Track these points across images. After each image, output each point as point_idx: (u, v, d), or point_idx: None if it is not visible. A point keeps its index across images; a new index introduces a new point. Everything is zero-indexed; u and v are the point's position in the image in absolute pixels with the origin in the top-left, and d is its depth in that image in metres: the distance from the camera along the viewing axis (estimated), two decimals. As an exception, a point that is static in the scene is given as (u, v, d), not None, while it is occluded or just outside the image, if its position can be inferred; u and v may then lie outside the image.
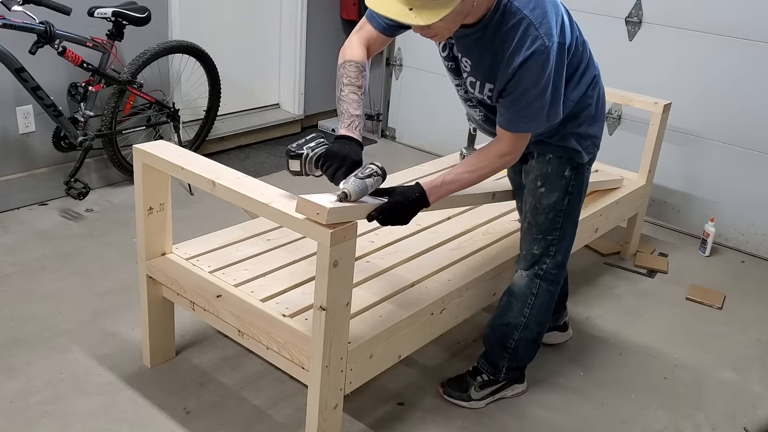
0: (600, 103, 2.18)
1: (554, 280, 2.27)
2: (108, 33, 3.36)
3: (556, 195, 2.16)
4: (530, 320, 2.28)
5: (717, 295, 3.15)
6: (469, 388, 2.35)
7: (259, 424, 2.19)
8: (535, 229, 2.21)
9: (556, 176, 2.15)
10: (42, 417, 2.13)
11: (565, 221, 2.20)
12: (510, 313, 2.29)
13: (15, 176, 3.39)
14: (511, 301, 2.29)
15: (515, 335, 2.29)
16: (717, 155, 3.62)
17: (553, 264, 2.24)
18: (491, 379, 2.36)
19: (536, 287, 2.25)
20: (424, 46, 4.60)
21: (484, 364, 2.37)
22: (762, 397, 2.53)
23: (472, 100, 2.09)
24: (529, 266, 2.25)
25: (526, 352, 2.35)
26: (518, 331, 2.29)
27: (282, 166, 4.26)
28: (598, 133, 2.19)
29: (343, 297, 1.79)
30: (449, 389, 2.37)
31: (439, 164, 3.26)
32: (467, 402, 2.34)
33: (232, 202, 1.91)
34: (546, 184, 2.16)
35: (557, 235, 2.21)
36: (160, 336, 2.37)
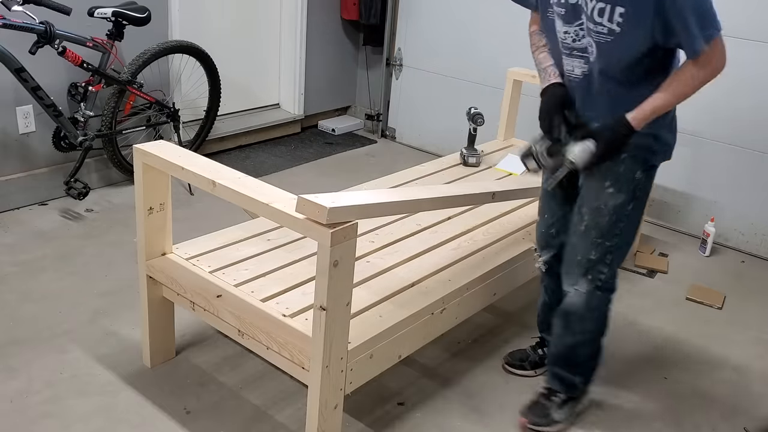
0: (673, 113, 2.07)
1: (611, 288, 2.16)
2: (108, 33, 3.36)
3: (623, 197, 2.04)
4: (596, 333, 2.21)
5: (717, 295, 3.15)
6: (549, 411, 2.27)
7: (259, 424, 2.19)
8: (594, 232, 2.08)
9: (626, 177, 2.03)
10: (42, 417, 2.13)
11: (626, 227, 2.09)
12: (568, 335, 2.21)
13: (15, 176, 3.39)
14: (570, 321, 2.19)
15: (581, 351, 2.23)
16: (717, 155, 3.62)
17: (611, 273, 2.13)
18: (571, 397, 2.29)
19: (595, 300, 2.14)
20: (425, 46, 4.62)
21: (557, 385, 2.29)
22: (762, 397, 2.53)
23: (581, 46, 1.97)
24: (583, 274, 2.12)
25: (596, 359, 2.29)
26: (584, 347, 2.22)
27: (282, 166, 4.26)
28: (672, 142, 2.10)
29: (343, 297, 1.79)
30: (532, 416, 2.27)
31: (439, 164, 3.26)
32: (552, 427, 2.26)
33: (232, 202, 1.91)
34: (615, 185, 2.04)
35: (616, 241, 2.08)
36: (160, 336, 2.37)
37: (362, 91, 5.15)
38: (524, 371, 2.54)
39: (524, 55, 4.13)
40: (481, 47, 4.36)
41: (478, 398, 2.39)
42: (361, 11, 4.70)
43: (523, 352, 2.58)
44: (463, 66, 4.47)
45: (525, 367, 2.54)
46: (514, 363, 2.55)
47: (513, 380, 2.49)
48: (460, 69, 4.49)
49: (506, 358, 2.58)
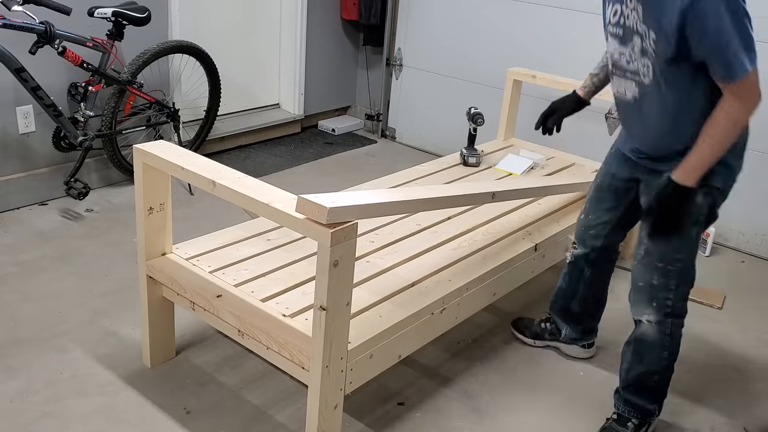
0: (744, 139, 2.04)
1: (680, 314, 2.11)
2: (108, 33, 3.36)
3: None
4: (670, 360, 2.17)
5: (717, 295, 3.15)
6: None
7: (259, 424, 2.19)
8: (655, 256, 2.04)
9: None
10: (42, 417, 2.13)
11: (689, 251, 2.03)
12: (642, 364, 2.17)
13: (15, 176, 3.39)
14: (644, 351, 2.16)
15: (655, 378, 2.19)
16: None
17: (678, 298, 2.07)
18: (642, 423, 2.25)
19: (668, 328, 2.11)
20: (425, 46, 4.63)
21: (631, 412, 2.24)
22: (762, 397, 2.53)
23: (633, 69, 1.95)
24: (648, 303, 2.09)
25: (666, 382, 2.24)
26: (658, 375, 2.19)
27: (282, 166, 4.26)
28: (737, 166, 2.03)
29: (343, 297, 1.79)
30: None
31: (439, 164, 3.26)
32: None
33: (232, 202, 1.91)
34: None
35: (679, 266, 2.03)
36: (160, 336, 2.37)
37: (362, 91, 5.15)
38: (524, 337, 2.70)
39: (524, 55, 4.14)
40: (481, 47, 4.36)
41: (478, 398, 2.39)
42: (361, 11, 4.70)
43: (530, 321, 2.73)
44: (463, 66, 4.47)
45: (525, 334, 2.70)
46: (518, 327, 2.73)
47: (513, 380, 2.49)
48: (460, 69, 4.49)
49: (514, 321, 2.76)
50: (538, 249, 2.61)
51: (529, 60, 4.06)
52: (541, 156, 3.40)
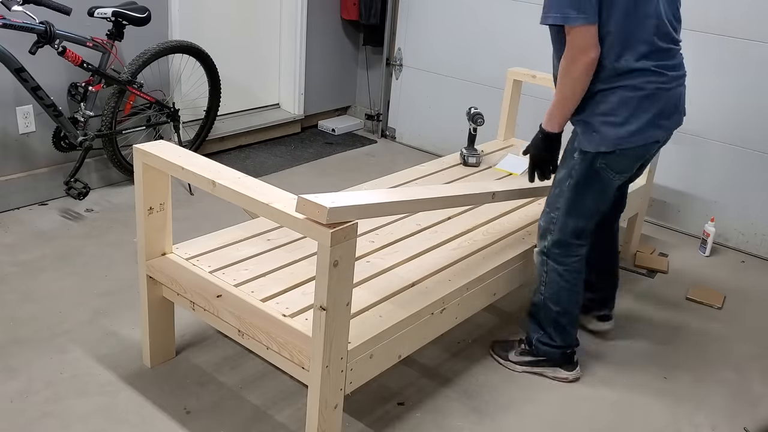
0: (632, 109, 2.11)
1: (557, 260, 2.34)
2: (108, 33, 3.36)
3: (563, 172, 2.27)
4: (546, 299, 2.40)
5: (717, 295, 3.15)
6: (511, 351, 2.54)
7: (259, 424, 2.19)
8: (547, 200, 2.35)
9: (568, 154, 2.26)
10: (42, 417, 2.13)
11: (564, 202, 2.27)
12: (534, 293, 2.46)
13: (15, 176, 3.39)
14: (536, 281, 2.45)
15: (540, 313, 2.44)
16: (717, 155, 3.62)
17: (552, 242, 2.32)
18: (528, 349, 2.51)
19: (545, 265, 2.38)
20: (425, 46, 4.63)
21: (525, 335, 2.55)
22: (762, 397, 2.53)
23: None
24: (539, 237, 2.38)
25: (555, 331, 2.44)
26: (541, 309, 2.44)
27: (282, 166, 4.26)
28: (611, 136, 2.13)
29: (343, 297, 1.79)
30: (496, 347, 2.59)
31: (439, 164, 3.26)
32: (504, 362, 2.54)
33: (232, 202, 1.91)
34: (563, 157, 2.29)
35: (557, 214, 2.30)
36: (160, 336, 2.37)
37: (362, 91, 5.15)
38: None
39: (524, 55, 4.14)
40: (481, 47, 4.36)
41: (478, 398, 2.39)
42: (361, 11, 4.70)
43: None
44: (463, 66, 4.47)
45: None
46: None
47: (513, 380, 2.49)
48: (460, 69, 4.49)
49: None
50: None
51: (529, 60, 4.06)
52: (541, 156, 3.39)
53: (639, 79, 2.10)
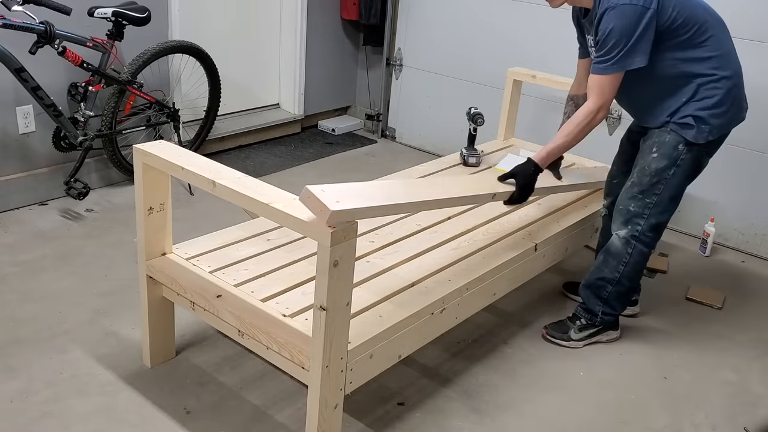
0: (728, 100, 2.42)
1: (648, 243, 2.54)
2: (108, 33, 3.36)
3: (665, 162, 2.45)
4: (623, 276, 2.58)
5: (717, 295, 3.15)
6: (569, 330, 2.71)
7: (259, 424, 2.19)
8: (636, 188, 2.50)
9: (669, 146, 2.44)
10: (42, 417, 2.13)
11: (665, 190, 2.47)
12: (606, 269, 2.60)
13: (15, 176, 3.39)
14: (608, 258, 2.60)
15: (609, 288, 2.62)
16: (717, 155, 3.60)
17: (648, 226, 2.51)
18: (588, 323, 2.69)
19: (632, 248, 2.54)
20: (425, 46, 4.62)
21: (581, 311, 2.72)
22: (762, 397, 2.53)
23: None
24: (623, 224, 2.53)
25: (618, 302, 2.67)
26: (612, 285, 2.61)
27: (282, 166, 4.26)
28: (717, 123, 2.42)
29: (343, 297, 1.79)
30: (552, 331, 2.73)
31: (439, 164, 3.26)
32: (567, 342, 2.70)
33: (232, 202, 1.91)
34: (659, 151, 2.45)
35: (655, 199, 2.48)
36: (160, 336, 2.37)
37: (362, 91, 5.15)
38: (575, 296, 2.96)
39: (524, 55, 4.14)
40: (481, 47, 4.36)
41: (478, 398, 2.39)
42: (361, 11, 4.70)
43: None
44: (463, 66, 4.47)
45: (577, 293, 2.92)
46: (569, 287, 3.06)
47: (513, 380, 2.49)
48: (460, 69, 4.49)
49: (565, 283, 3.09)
50: (538, 249, 2.61)
51: (529, 60, 4.06)
52: (541, 156, 3.39)
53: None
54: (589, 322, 2.70)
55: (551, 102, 4.11)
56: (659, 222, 2.53)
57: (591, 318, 2.69)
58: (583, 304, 2.72)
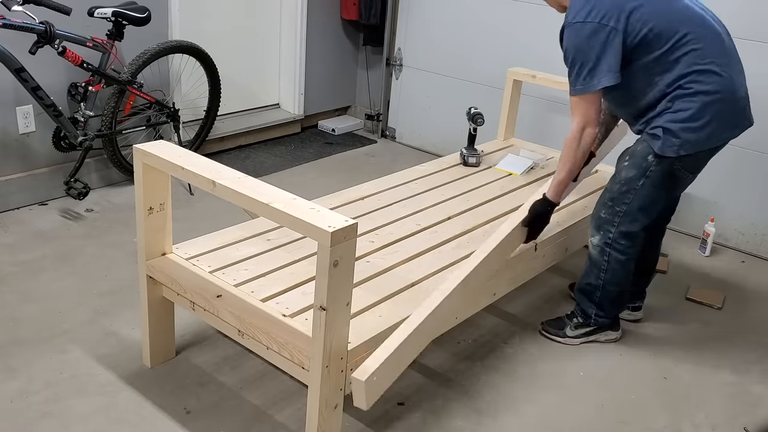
0: (705, 114, 2.31)
1: (622, 250, 2.53)
2: (108, 33, 3.36)
3: (634, 172, 2.43)
4: (606, 283, 2.59)
5: (717, 295, 3.15)
6: (565, 327, 2.73)
7: (259, 424, 2.19)
8: (608, 195, 2.51)
9: (639, 156, 2.42)
10: (42, 417, 2.13)
11: (634, 200, 2.45)
12: (590, 276, 2.63)
13: (15, 176, 3.39)
14: (591, 266, 2.62)
15: (597, 293, 2.64)
16: (717, 155, 3.61)
17: (618, 234, 2.50)
18: (583, 322, 2.71)
19: (607, 255, 2.55)
20: (425, 46, 4.62)
21: (577, 310, 2.73)
22: (762, 398, 2.53)
23: None
24: (596, 230, 2.55)
25: (611, 306, 2.67)
26: (599, 291, 2.63)
27: (282, 166, 4.26)
28: (690, 138, 2.33)
29: (343, 297, 1.79)
30: (548, 327, 2.76)
31: (439, 164, 3.26)
32: (563, 338, 2.73)
33: (232, 202, 1.91)
34: (630, 160, 2.45)
35: (624, 208, 2.47)
36: (160, 336, 2.37)
37: (362, 91, 5.15)
38: None
39: (524, 55, 4.14)
40: (481, 47, 4.36)
41: (478, 398, 2.39)
42: (361, 11, 4.70)
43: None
44: (463, 66, 4.47)
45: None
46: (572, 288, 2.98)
47: (514, 380, 2.49)
48: (460, 69, 4.49)
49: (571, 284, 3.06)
50: (538, 249, 2.61)
51: (529, 60, 4.06)
52: (541, 156, 3.40)
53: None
54: (584, 322, 2.71)
55: (551, 102, 4.11)
56: (629, 231, 2.49)
57: (585, 318, 2.70)
58: (578, 304, 2.73)
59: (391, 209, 2.75)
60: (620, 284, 2.61)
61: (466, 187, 3.03)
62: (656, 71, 2.32)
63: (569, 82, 2.36)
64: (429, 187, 2.99)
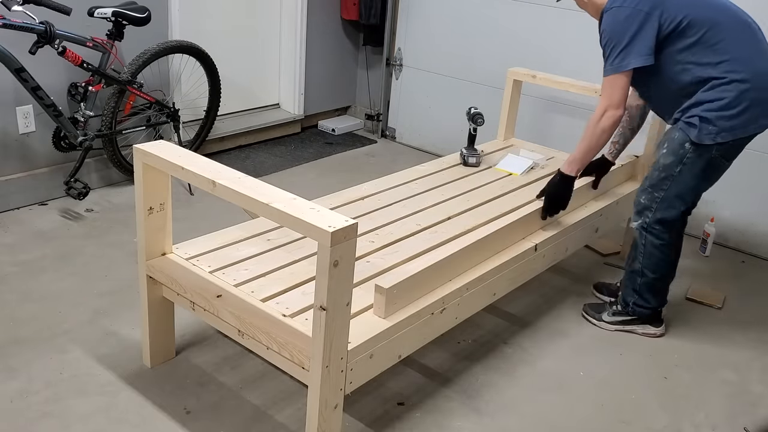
0: (740, 102, 2.39)
1: (657, 235, 2.62)
2: (108, 33, 3.36)
3: (671, 159, 2.51)
4: (645, 267, 2.68)
5: (717, 295, 3.15)
6: (603, 312, 2.83)
7: (259, 424, 2.19)
8: (648, 182, 2.61)
9: (676, 143, 2.49)
10: (42, 417, 2.13)
11: (672, 186, 2.53)
12: (633, 261, 2.73)
13: (15, 176, 3.40)
14: (632, 250, 2.73)
15: (639, 280, 2.72)
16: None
17: (654, 220, 2.60)
18: (622, 310, 2.80)
19: (644, 239, 2.65)
20: (425, 46, 4.63)
21: (619, 298, 2.83)
22: (762, 397, 2.53)
23: None
24: (637, 215, 2.66)
25: (650, 294, 2.74)
26: (640, 277, 2.71)
27: (282, 166, 4.26)
28: (726, 125, 2.41)
29: (343, 297, 1.79)
30: (588, 308, 2.88)
31: (439, 164, 3.26)
32: (598, 322, 2.83)
33: (232, 202, 1.91)
34: (668, 147, 2.52)
35: (662, 194, 2.56)
36: (160, 336, 2.37)
37: (362, 91, 5.15)
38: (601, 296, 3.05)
39: (524, 55, 4.14)
40: (481, 47, 4.36)
41: (479, 398, 2.39)
42: (361, 11, 4.70)
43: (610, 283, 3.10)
44: (463, 66, 4.47)
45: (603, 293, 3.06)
46: (598, 287, 3.09)
47: (513, 380, 2.49)
48: (460, 69, 4.49)
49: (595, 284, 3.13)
50: (538, 249, 2.61)
51: (529, 60, 4.06)
52: (541, 156, 3.40)
53: None
54: (623, 310, 2.79)
55: (551, 102, 4.11)
56: (664, 217, 2.59)
57: (624, 306, 2.79)
58: (621, 292, 2.82)
59: (391, 209, 2.75)
60: (657, 271, 2.68)
61: (466, 187, 3.03)
62: (691, 60, 2.40)
63: (605, 64, 2.44)
64: (429, 187, 2.99)
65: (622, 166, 3.17)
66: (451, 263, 2.24)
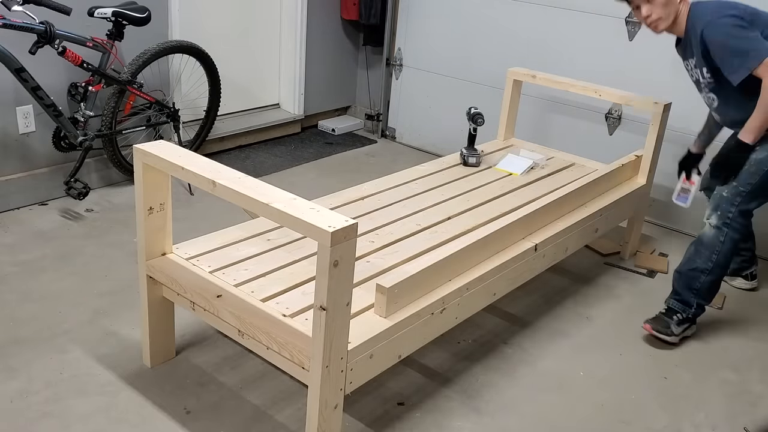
0: None
1: (739, 228, 2.63)
2: (108, 33, 3.36)
3: (765, 154, 2.55)
4: (716, 265, 2.67)
5: (717, 296, 3.14)
6: (669, 324, 2.76)
7: (259, 424, 2.19)
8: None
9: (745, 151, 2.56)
10: (42, 417, 2.13)
11: (760, 180, 2.57)
12: (698, 260, 2.69)
13: (15, 176, 3.40)
14: (700, 249, 2.69)
15: (702, 278, 2.70)
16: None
17: (738, 212, 2.61)
18: (685, 317, 2.76)
19: (723, 236, 2.64)
20: (425, 46, 4.63)
21: (677, 305, 2.77)
22: (762, 397, 2.53)
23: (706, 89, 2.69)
24: (713, 211, 2.65)
25: (708, 293, 2.75)
26: (705, 275, 2.69)
27: (282, 166, 4.26)
28: None
29: (343, 297, 1.79)
30: (656, 325, 2.76)
31: (439, 164, 3.26)
32: (670, 337, 2.75)
33: (232, 202, 1.91)
34: (761, 144, 2.56)
35: (748, 188, 2.58)
36: (160, 336, 2.37)
37: (362, 91, 5.15)
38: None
39: (524, 55, 4.14)
40: (481, 47, 4.36)
41: (479, 398, 2.39)
42: (361, 11, 4.70)
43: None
44: (463, 66, 4.47)
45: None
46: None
47: (513, 380, 2.49)
48: (460, 69, 4.49)
49: None
50: (538, 249, 2.61)
51: (529, 60, 4.06)
52: (541, 156, 3.40)
53: None
54: (686, 316, 2.76)
55: (551, 102, 4.11)
56: (746, 209, 2.63)
57: (686, 310, 2.75)
58: (677, 296, 2.76)
59: (391, 209, 2.76)
60: (725, 267, 2.70)
61: (466, 187, 3.03)
62: None
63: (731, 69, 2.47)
64: (429, 187, 2.99)
65: (623, 166, 3.18)
66: (451, 263, 2.24)
